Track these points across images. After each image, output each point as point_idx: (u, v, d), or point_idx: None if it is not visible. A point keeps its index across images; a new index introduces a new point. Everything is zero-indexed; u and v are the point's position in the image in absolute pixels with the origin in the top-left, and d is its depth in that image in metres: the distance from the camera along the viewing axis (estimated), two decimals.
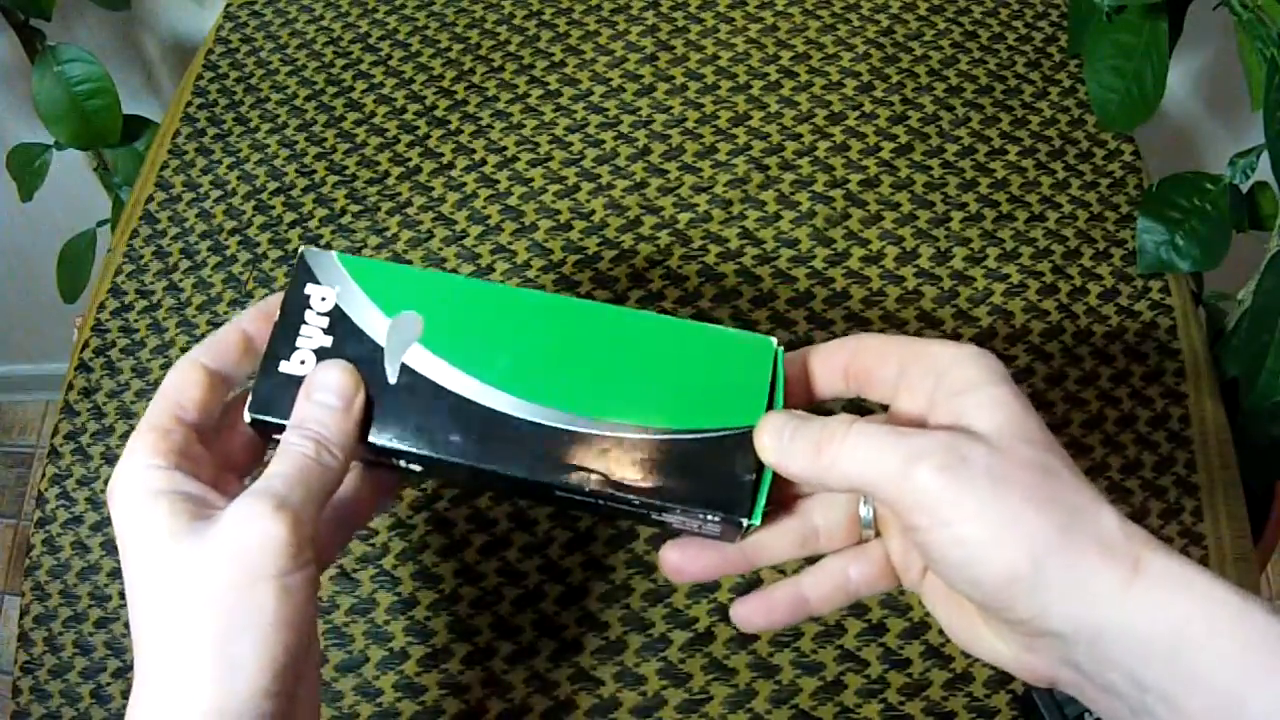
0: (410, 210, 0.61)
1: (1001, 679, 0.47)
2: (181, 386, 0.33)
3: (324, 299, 0.33)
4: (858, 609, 0.48)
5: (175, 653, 0.29)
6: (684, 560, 0.34)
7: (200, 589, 0.29)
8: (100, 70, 0.78)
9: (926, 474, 0.27)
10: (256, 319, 0.34)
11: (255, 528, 0.29)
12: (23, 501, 1.45)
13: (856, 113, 0.64)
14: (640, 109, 0.64)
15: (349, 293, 0.33)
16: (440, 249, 0.59)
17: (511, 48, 0.68)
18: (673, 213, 0.60)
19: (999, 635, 0.30)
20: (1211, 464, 0.53)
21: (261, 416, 0.32)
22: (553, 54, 0.67)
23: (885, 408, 0.33)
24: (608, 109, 0.64)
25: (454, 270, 0.58)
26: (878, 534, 0.34)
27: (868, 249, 0.59)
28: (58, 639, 0.50)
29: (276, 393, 0.32)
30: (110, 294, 0.60)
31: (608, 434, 0.32)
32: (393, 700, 0.47)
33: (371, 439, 0.32)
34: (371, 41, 0.69)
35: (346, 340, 0.33)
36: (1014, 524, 0.26)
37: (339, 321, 0.33)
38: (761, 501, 0.32)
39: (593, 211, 0.60)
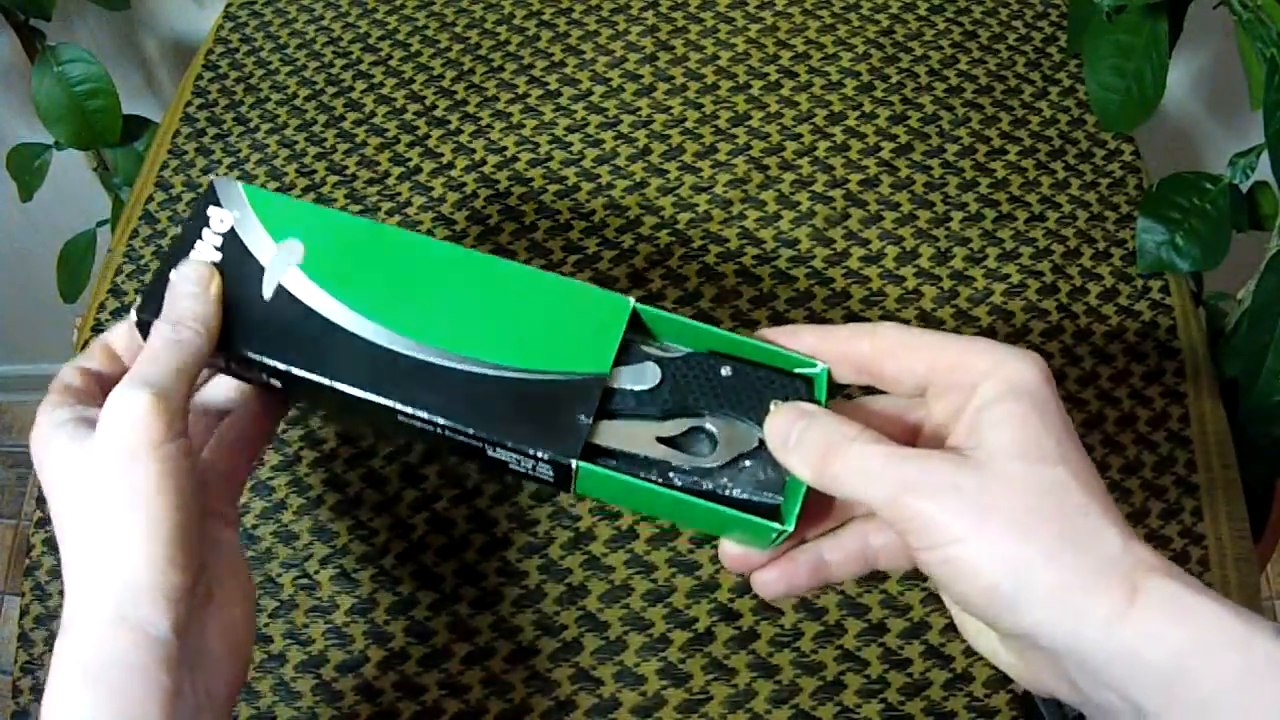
0: (410, 210, 0.61)
1: (1002, 679, 0.47)
2: (92, 347, 0.37)
3: (222, 221, 0.36)
4: (858, 609, 0.48)
5: (82, 543, 0.31)
6: (748, 555, 0.34)
7: (92, 479, 0.31)
8: (100, 70, 0.78)
9: (915, 504, 0.28)
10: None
11: (122, 407, 0.31)
12: (23, 501, 1.44)
13: (856, 113, 0.64)
14: (640, 109, 0.64)
15: (246, 219, 0.36)
16: None
17: (511, 48, 0.68)
18: (673, 213, 0.60)
19: (1001, 642, 0.30)
20: (1211, 464, 0.53)
21: (146, 318, 0.34)
22: (552, 54, 0.67)
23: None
24: (608, 109, 0.64)
25: None
26: None
27: (868, 249, 0.59)
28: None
29: (162, 296, 0.35)
30: (110, 294, 0.60)
31: (455, 366, 0.34)
32: (392, 700, 0.47)
33: (239, 348, 0.34)
34: (371, 41, 0.69)
35: (234, 259, 0.35)
36: (996, 548, 0.27)
37: (231, 241, 0.36)
38: (795, 509, 0.32)
39: (593, 211, 0.60)
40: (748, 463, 0.34)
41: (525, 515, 0.51)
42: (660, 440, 0.34)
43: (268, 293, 0.35)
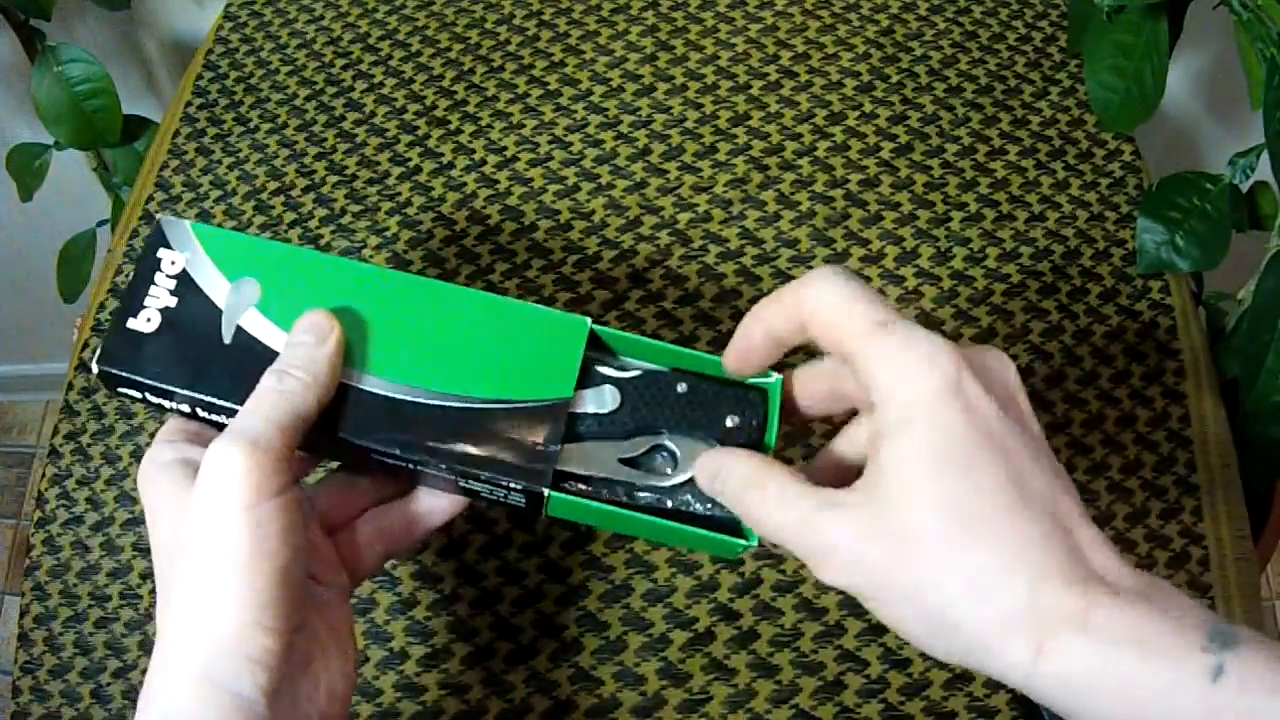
0: (410, 210, 0.61)
1: None
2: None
3: (174, 263, 0.35)
4: (858, 609, 0.48)
5: (177, 592, 0.30)
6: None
7: (188, 531, 0.31)
8: (100, 70, 0.78)
9: (830, 575, 0.28)
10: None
11: (218, 463, 0.30)
12: (23, 501, 1.45)
13: (856, 113, 0.64)
14: (640, 109, 0.64)
15: (197, 259, 0.35)
16: (441, 249, 0.59)
17: (511, 48, 0.68)
18: (673, 213, 0.60)
19: None
20: (1211, 464, 0.53)
21: (107, 369, 0.34)
22: (552, 54, 0.67)
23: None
24: (608, 109, 0.64)
25: (455, 270, 0.58)
26: None
27: (868, 249, 0.59)
28: (58, 639, 0.50)
29: (122, 347, 0.34)
30: (110, 294, 0.60)
31: (421, 400, 0.34)
32: (393, 700, 0.47)
33: (201, 395, 0.34)
34: (371, 41, 0.69)
35: (190, 301, 0.35)
36: (914, 602, 0.27)
37: (184, 284, 0.35)
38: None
39: (593, 211, 0.60)
40: None
41: (525, 515, 0.51)
42: (622, 461, 0.34)
43: (227, 336, 0.35)
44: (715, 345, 0.55)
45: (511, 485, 0.33)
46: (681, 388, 0.35)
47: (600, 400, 0.35)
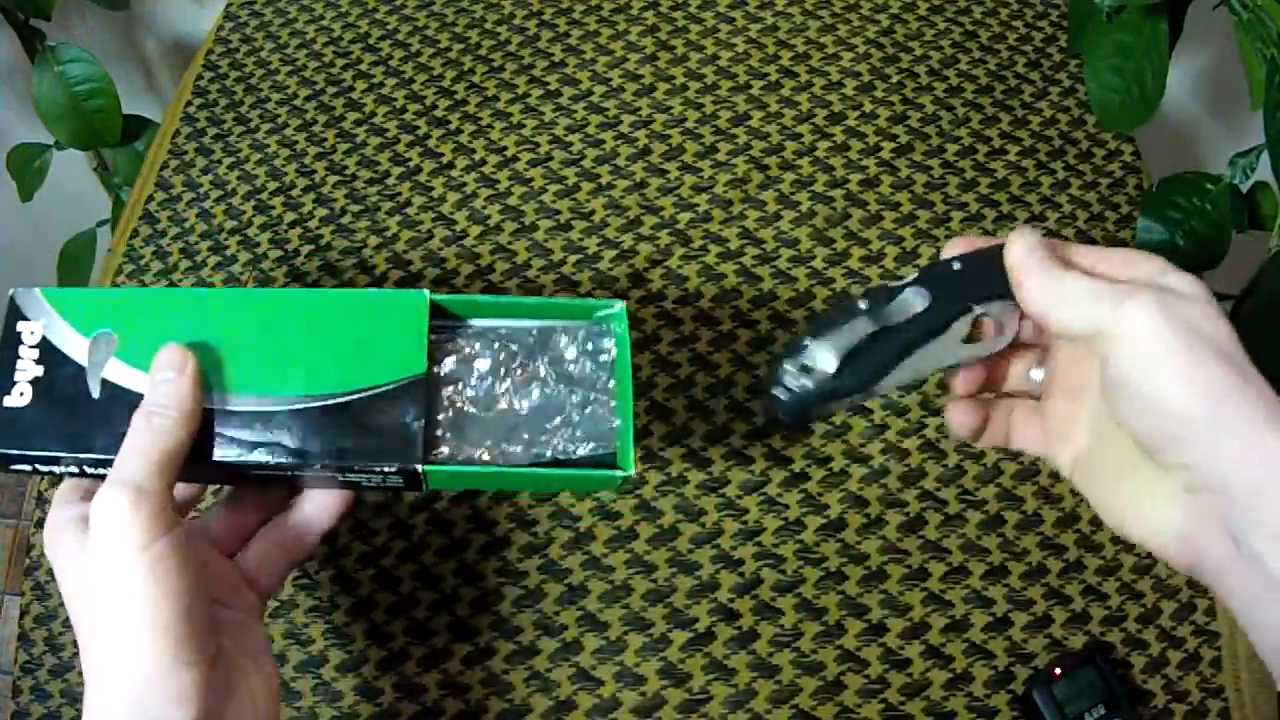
0: (410, 210, 0.61)
1: (1001, 679, 0.47)
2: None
3: (33, 333, 0.36)
4: (858, 609, 0.48)
5: (95, 638, 0.32)
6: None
7: (92, 581, 0.31)
8: (100, 70, 0.78)
9: (1136, 311, 0.29)
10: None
11: (105, 512, 0.31)
12: (23, 501, 1.44)
13: (856, 113, 0.64)
14: (640, 109, 0.64)
15: (53, 324, 0.36)
16: (440, 249, 0.59)
17: (511, 48, 0.68)
18: (673, 213, 0.60)
19: (1161, 500, 0.31)
20: None
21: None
22: (553, 54, 0.67)
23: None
24: (608, 109, 0.64)
25: (454, 271, 0.58)
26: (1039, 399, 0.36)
27: (868, 249, 0.59)
28: (58, 639, 0.50)
29: (4, 425, 0.35)
30: None
31: (282, 408, 0.35)
32: (393, 700, 0.47)
33: (84, 455, 0.35)
34: (371, 41, 0.69)
35: (55, 367, 0.35)
36: (1199, 368, 0.28)
37: (47, 351, 0.36)
38: (631, 452, 0.35)
39: (593, 211, 0.60)
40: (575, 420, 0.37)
41: (525, 515, 0.51)
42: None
43: (95, 391, 0.35)
44: (715, 345, 0.55)
45: (387, 469, 0.35)
46: (529, 338, 0.38)
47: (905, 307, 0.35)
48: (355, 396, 0.35)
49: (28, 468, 0.35)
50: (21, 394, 0.35)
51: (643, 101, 0.65)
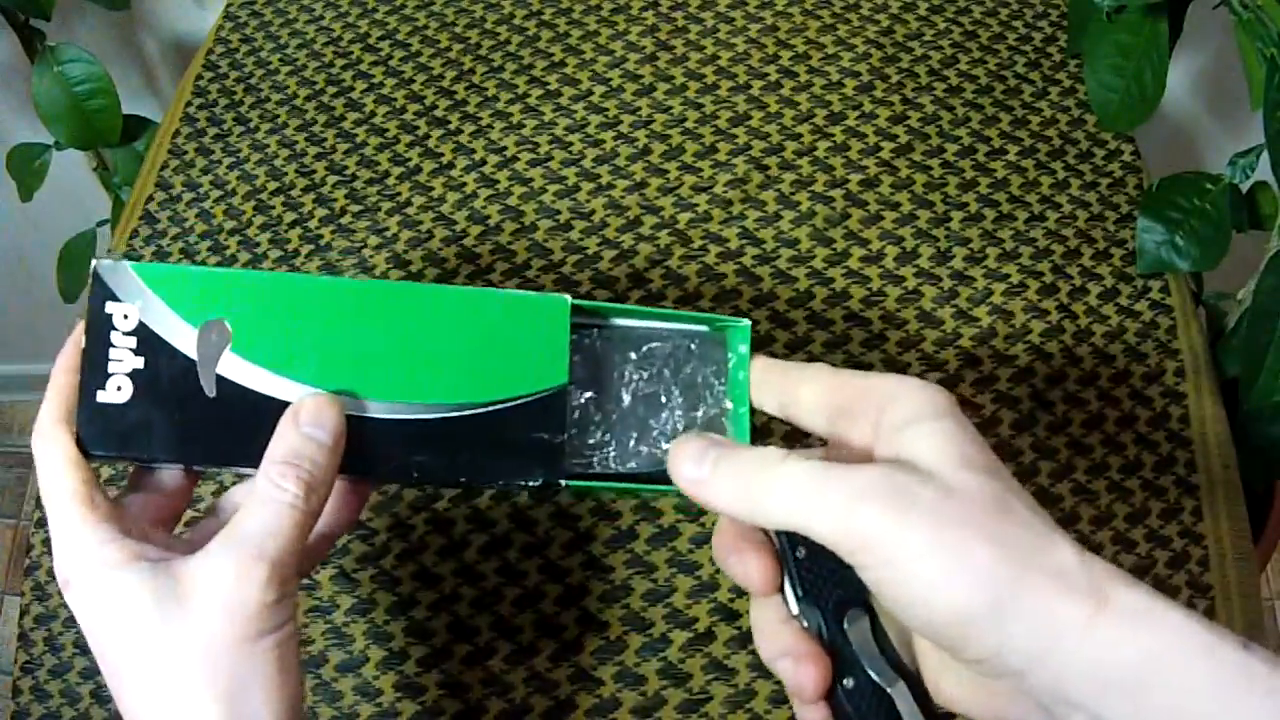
0: (410, 210, 0.61)
1: None
2: (67, 452, 0.31)
3: (126, 317, 0.31)
4: None
5: (156, 713, 0.28)
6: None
7: (197, 653, 0.28)
8: (100, 70, 0.78)
9: (872, 513, 0.25)
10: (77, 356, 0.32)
11: (245, 591, 0.28)
12: (23, 501, 1.44)
13: (856, 113, 0.64)
14: (640, 109, 0.64)
15: (151, 307, 0.31)
16: (440, 249, 0.59)
17: (511, 48, 0.68)
18: (673, 213, 0.60)
19: (958, 679, 0.29)
20: (1211, 464, 0.53)
21: (93, 453, 0.31)
22: (552, 54, 0.67)
23: (822, 440, 0.32)
24: (608, 109, 0.64)
25: (454, 271, 0.58)
26: None
27: (868, 249, 0.59)
28: (58, 639, 0.50)
29: (99, 427, 0.31)
30: None
31: (418, 417, 0.32)
32: (393, 700, 0.47)
33: (206, 465, 0.32)
34: (371, 41, 0.69)
35: (158, 359, 0.31)
36: (966, 561, 0.25)
37: (146, 340, 0.31)
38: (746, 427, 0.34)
39: (593, 211, 0.60)
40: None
41: (525, 515, 0.51)
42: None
43: (210, 389, 0.31)
44: None
45: (529, 485, 0.33)
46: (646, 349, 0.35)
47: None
48: (496, 408, 0.33)
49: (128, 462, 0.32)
50: (119, 388, 0.31)
51: (643, 101, 0.65)
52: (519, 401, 0.33)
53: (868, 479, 0.26)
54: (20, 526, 1.42)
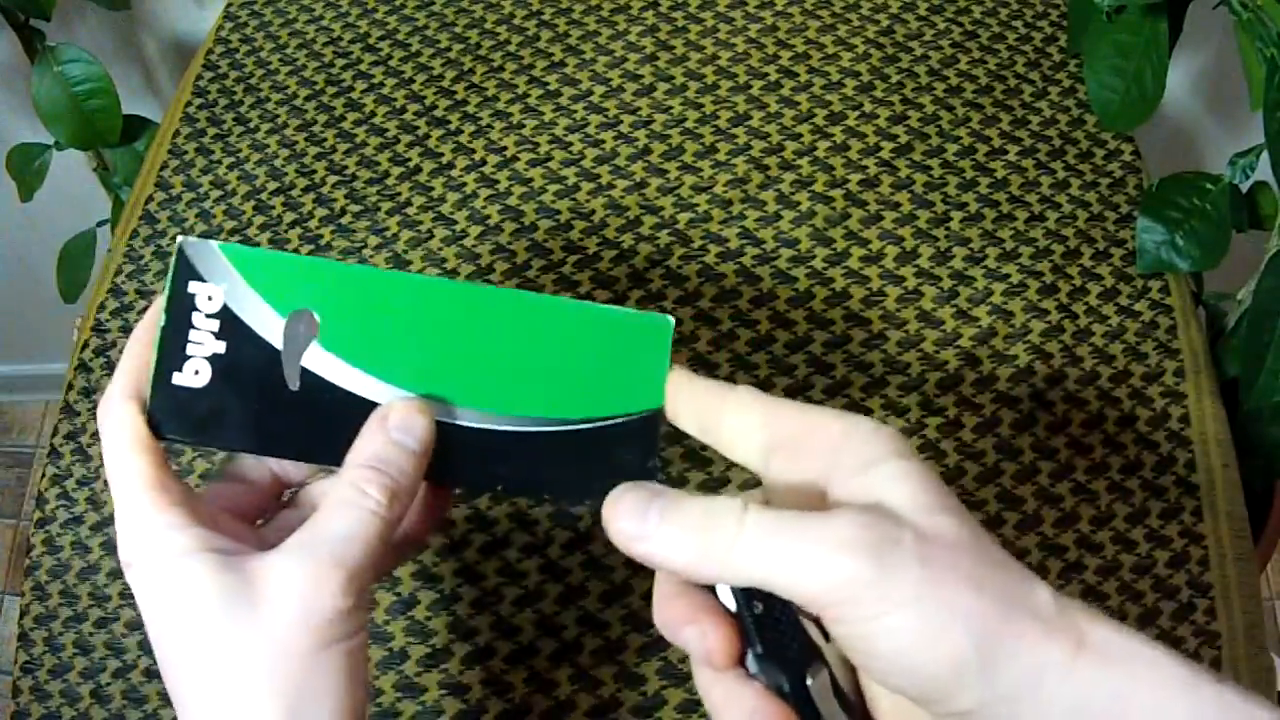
0: (410, 210, 0.61)
1: None
2: (138, 424, 0.30)
3: (211, 298, 0.30)
4: None
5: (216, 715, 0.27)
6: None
7: (264, 657, 0.27)
8: (100, 70, 0.78)
9: (854, 565, 0.24)
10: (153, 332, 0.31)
11: (320, 598, 0.27)
12: (23, 501, 1.44)
13: (856, 113, 0.64)
14: (640, 109, 0.64)
15: (237, 290, 0.31)
16: (440, 249, 0.59)
17: (511, 48, 0.68)
18: (673, 213, 0.60)
19: None
20: (1211, 464, 0.53)
21: (165, 437, 0.30)
22: (552, 54, 0.67)
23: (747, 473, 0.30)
24: (608, 109, 0.64)
25: (454, 270, 0.58)
26: None
27: (868, 249, 0.59)
28: (58, 639, 0.50)
29: (174, 410, 0.30)
30: (110, 294, 0.60)
31: (507, 428, 0.31)
32: (393, 700, 0.47)
33: (284, 458, 0.32)
34: (371, 41, 0.69)
35: (241, 346, 0.30)
36: (955, 609, 0.24)
37: (230, 324, 0.31)
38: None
39: (593, 211, 0.60)
40: None
41: (525, 515, 0.51)
42: None
43: (294, 382, 0.31)
44: (714, 345, 0.55)
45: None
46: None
47: None
48: (588, 426, 0.31)
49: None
50: (197, 372, 0.30)
51: (643, 101, 0.65)
52: (612, 422, 0.32)
53: (845, 528, 0.24)
54: (20, 526, 1.42)
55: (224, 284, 0.31)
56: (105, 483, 0.54)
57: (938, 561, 0.24)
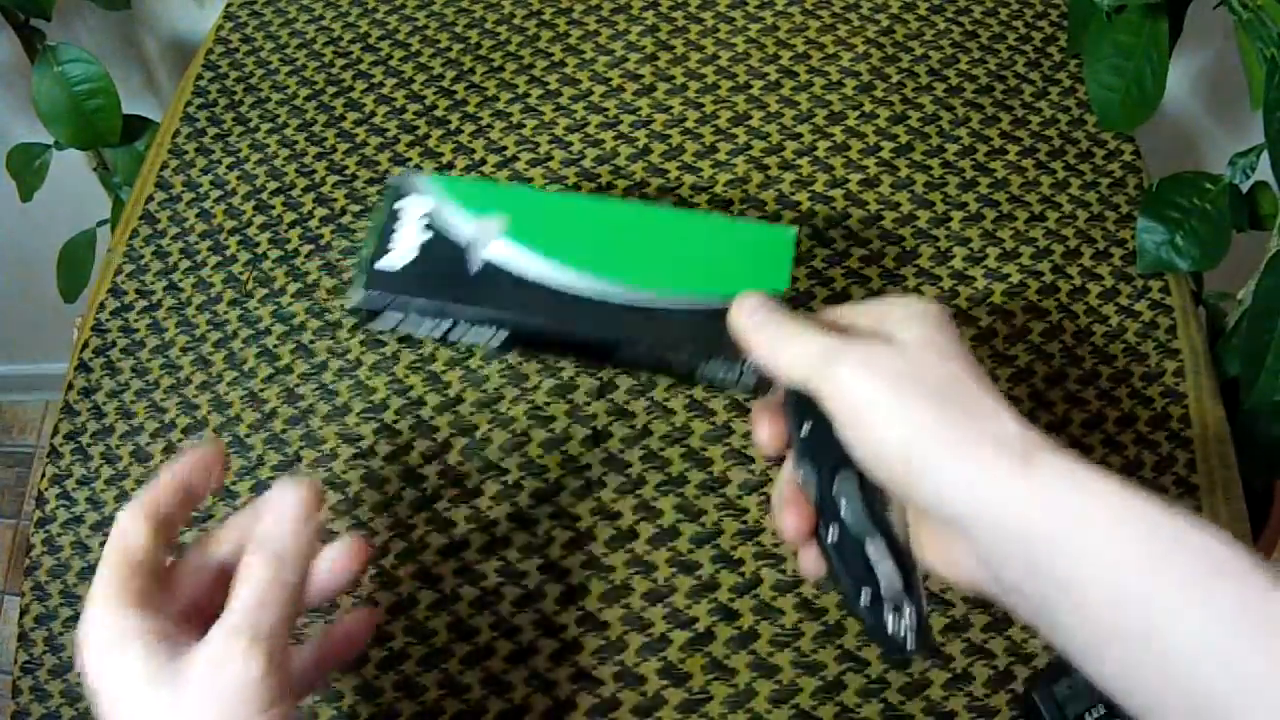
0: None
1: (1001, 679, 0.47)
2: (131, 535, 0.33)
3: (417, 208, 0.39)
4: None
5: None
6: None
7: None
8: (100, 70, 0.78)
9: (842, 370, 0.31)
10: (195, 468, 0.35)
11: (233, 669, 0.29)
12: (23, 501, 1.44)
13: (856, 113, 0.64)
14: (640, 109, 0.64)
15: (441, 204, 0.40)
16: None
17: (511, 47, 0.68)
18: None
19: (929, 541, 0.32)
20: (1211, 464, 0.53)
21: (371, 292, 0.38)
22: (553, 54, 0.67)
23: None
24: (608, 109, 0.64)
25: None
26: None
27: (868, 249, 0.59)
28: (58, 639, 0.50)
29: (379, 280, 0.38)
30: (110, 294, 0.60)
31: (660, 304, 0.38)
32: (393, 700, 0.47)
33: (461, 310, 0.38)
34: (371, 41, 0.69)
35: (439, 238, 0.39)
36: (908, 415, 0.29)
37: (432, 226, 0.39)
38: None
39: None
40: None
41: (525, 515, 0.51)
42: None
43: (475, 265, 0.38)
44: None
45: (744, 368, 0.37)
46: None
47: None
48: (723, 303, 0.37)
49: (392, 322, 0.38)
50: (401, 256, 0.38)
51: (643, 101, 0.65)
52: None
53: (842, 343, 0.32)
54: (20, 526, 1.42)
55: (429, 197, 0.40)
56: (105, 482, 0.54)
57: (906, 378, 0.30)
